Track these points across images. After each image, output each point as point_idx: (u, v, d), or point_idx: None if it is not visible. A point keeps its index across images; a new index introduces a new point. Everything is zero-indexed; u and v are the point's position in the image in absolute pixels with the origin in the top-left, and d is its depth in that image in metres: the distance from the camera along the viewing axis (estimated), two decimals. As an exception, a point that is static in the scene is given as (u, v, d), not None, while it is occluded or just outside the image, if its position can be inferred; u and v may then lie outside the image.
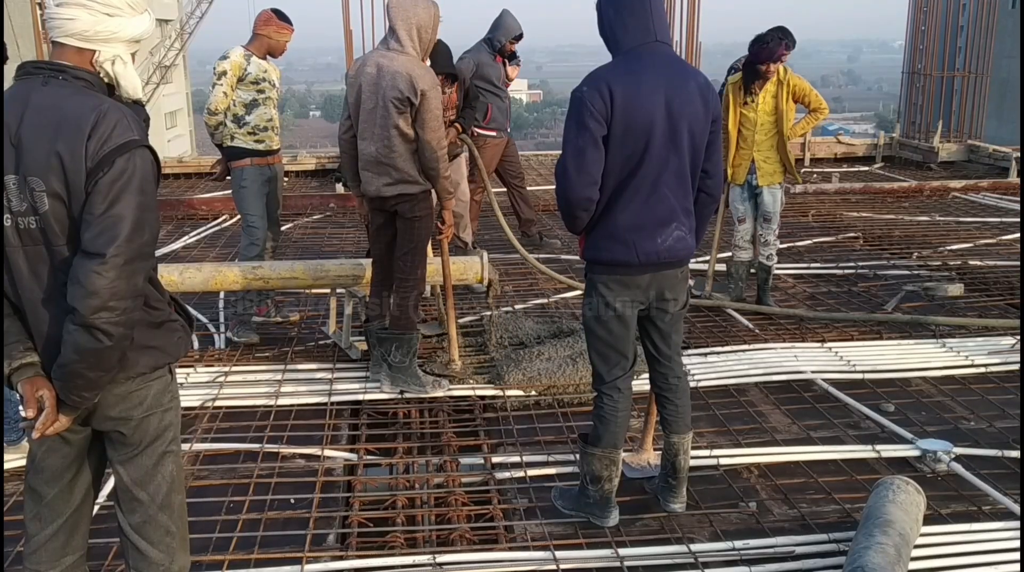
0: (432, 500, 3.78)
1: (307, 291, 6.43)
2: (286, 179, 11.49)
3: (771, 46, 5.61)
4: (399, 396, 4.72)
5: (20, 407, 2.26)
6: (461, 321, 5.90)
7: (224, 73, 5.40)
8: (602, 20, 3.17)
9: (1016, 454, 4.07)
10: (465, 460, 4.11)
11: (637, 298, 3.28)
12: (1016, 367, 5.08)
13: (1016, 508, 3.59)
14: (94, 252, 2.06)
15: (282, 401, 4.67)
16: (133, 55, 2.34)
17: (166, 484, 2.43)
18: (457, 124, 6.23)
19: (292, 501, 3.74)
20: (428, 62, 4.74)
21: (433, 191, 4.64)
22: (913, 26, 13.54)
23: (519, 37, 7.32)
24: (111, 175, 2.08)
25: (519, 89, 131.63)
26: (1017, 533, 3.40)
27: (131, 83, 2.29)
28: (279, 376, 4.99)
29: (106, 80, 2.26)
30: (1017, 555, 3.27)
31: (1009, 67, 27.49)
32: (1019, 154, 11.11)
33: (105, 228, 2.07)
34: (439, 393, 4.74)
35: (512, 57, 7.42)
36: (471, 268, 5.42)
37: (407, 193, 4.54)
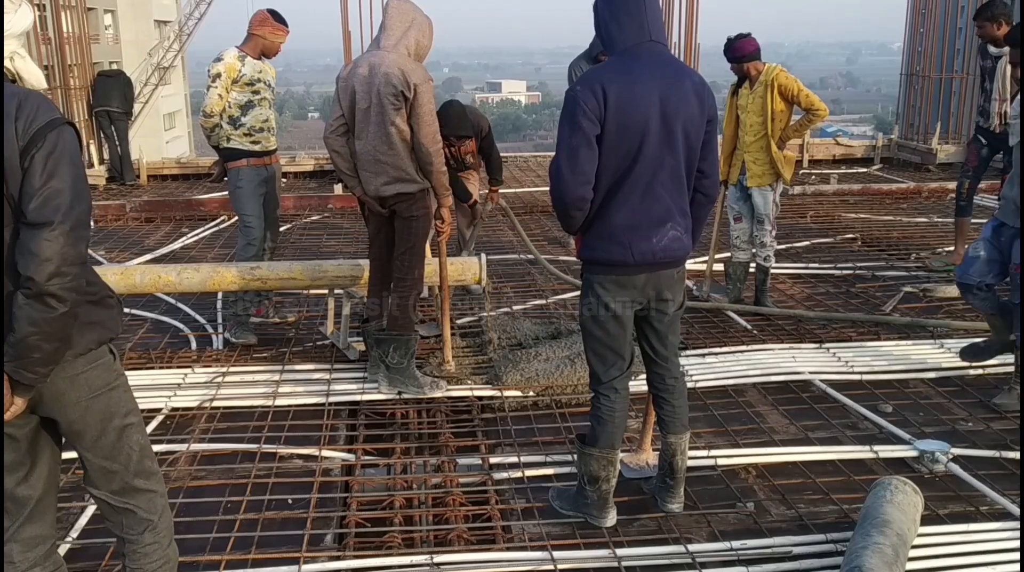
0: (430, 500, 3.77)
1: (305, 292, 6.44)
2: (284, 180, 11.52)
3: (726, 47, 5.83)
4: (397, 397, 4.72)
5: None
6: (459, 322, 5.91)
7: (218, 75, 5.38)
8: (598, 20, 3.18)
9: (1014, 455, 4.07)
10: (463, 460, 4.10)
11: (634, 298, 3.28)
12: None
13: (1014, 509, 3.59)
14: (42, 221, 2.14)
15: (280, 401, 4.67)
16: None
17: (136, 453, 2.51)
18: (493, 187, 6.53)
19: (290, 501, 3.73)
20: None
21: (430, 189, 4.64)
22: (912, 28, 13.56)
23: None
24: (45, 149, 2.18)
25: (518, 91, 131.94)
26: (1014, 534, 3.41)
27: (34, 75, 2.38)
28: (277, 377, 4.99)
29: (9, 77, 2.33)
30: (1015, 555, 3.27)
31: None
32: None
33: (48, 198, 2.16)
34: (437, 394, 4.74)
35: None
36: (469, 269, 5.42)
37: (405, 192, 4.54)
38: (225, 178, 5.67)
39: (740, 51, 5.80)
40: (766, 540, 3.39)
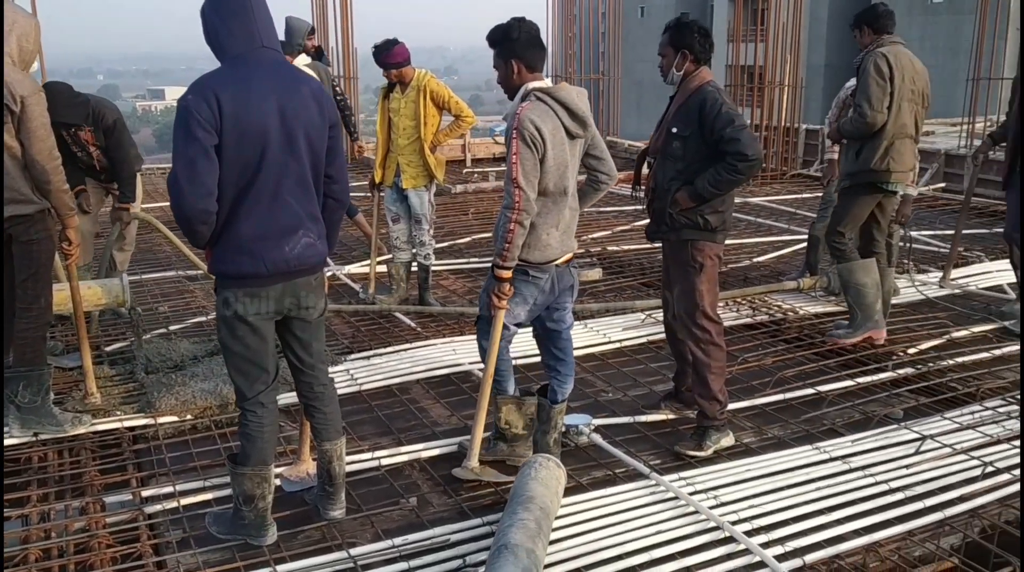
0: (71, 548, 3.45)
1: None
2: None
3: (376, 53, 5.98)
4: (33, 438, 4.27)
5: None
6: (109, 349, 5.49)
7: None
8: (206, 25, 3.05)
9: (646, 419, 4.51)
10: (111, 499, 3.80)
11: (272, 309, 3.21)
12: (646, 340, 5.64)
13: (644, 469, 3.95)
14: None
15: None
16: None
17: None
18: (121, 204, 5.65)
19: None
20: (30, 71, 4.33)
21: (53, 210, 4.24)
22: (563, 32, 14.63)
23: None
24: None
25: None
26: (646, 492, 3.76)
27: None
28: None
29: None
30: (646, 511, 3.61)
31: (643, 70, 30.60)
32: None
33: None
34: (80, 430, 4.35)
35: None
36: (110, 292, 5.03)
37: (20, 214, 4.11)
38: None
39: (395, 58, 5.92)
40: (427, 532, 3.48)
